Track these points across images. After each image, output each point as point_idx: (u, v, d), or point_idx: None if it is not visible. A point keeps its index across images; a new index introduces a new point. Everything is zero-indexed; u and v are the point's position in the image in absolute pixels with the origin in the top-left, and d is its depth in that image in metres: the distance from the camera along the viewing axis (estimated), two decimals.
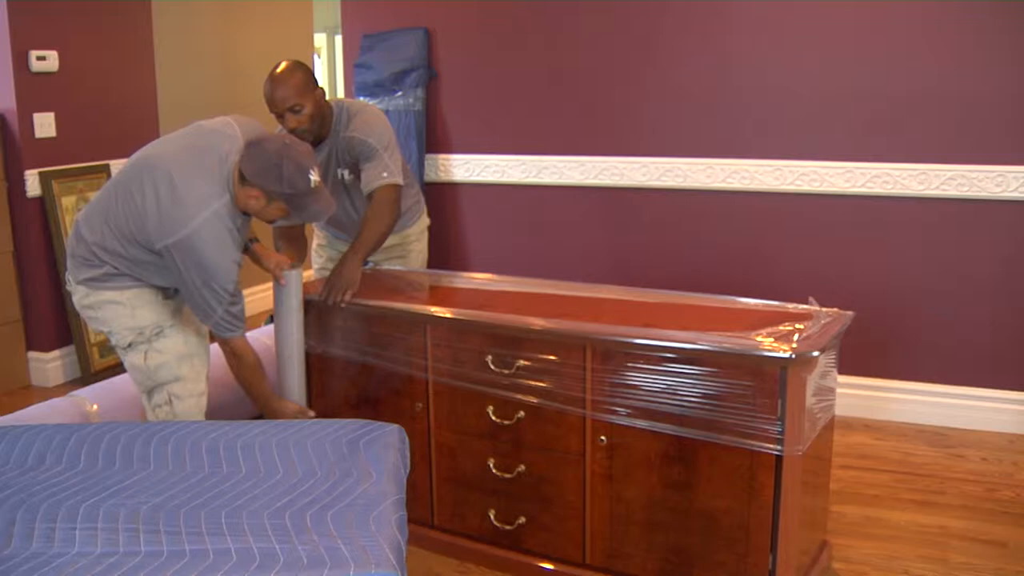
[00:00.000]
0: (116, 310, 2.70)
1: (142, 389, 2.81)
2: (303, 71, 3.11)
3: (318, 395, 3.00)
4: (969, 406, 3.78)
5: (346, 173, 3.27)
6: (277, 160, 2.51)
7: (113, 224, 2.61)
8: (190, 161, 2.58)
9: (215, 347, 2.83)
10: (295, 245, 3.36)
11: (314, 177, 2.54)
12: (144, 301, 2.72)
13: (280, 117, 3.11)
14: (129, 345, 2.72)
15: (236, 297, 2.60)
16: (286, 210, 2.59)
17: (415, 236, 3.58)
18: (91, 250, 2.66)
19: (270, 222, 2.76)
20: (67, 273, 2.79)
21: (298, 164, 2.53)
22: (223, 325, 2.61)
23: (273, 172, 2.50)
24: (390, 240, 3.56)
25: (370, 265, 3.68)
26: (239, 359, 2.70)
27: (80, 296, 2.74)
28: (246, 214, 2.64)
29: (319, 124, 3.17)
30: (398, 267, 3.45)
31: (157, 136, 4.99)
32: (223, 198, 2.54)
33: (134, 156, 2.70)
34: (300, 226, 3.38)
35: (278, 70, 3.10)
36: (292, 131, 3.11)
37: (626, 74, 4.07)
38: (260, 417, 3.53)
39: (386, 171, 3.18)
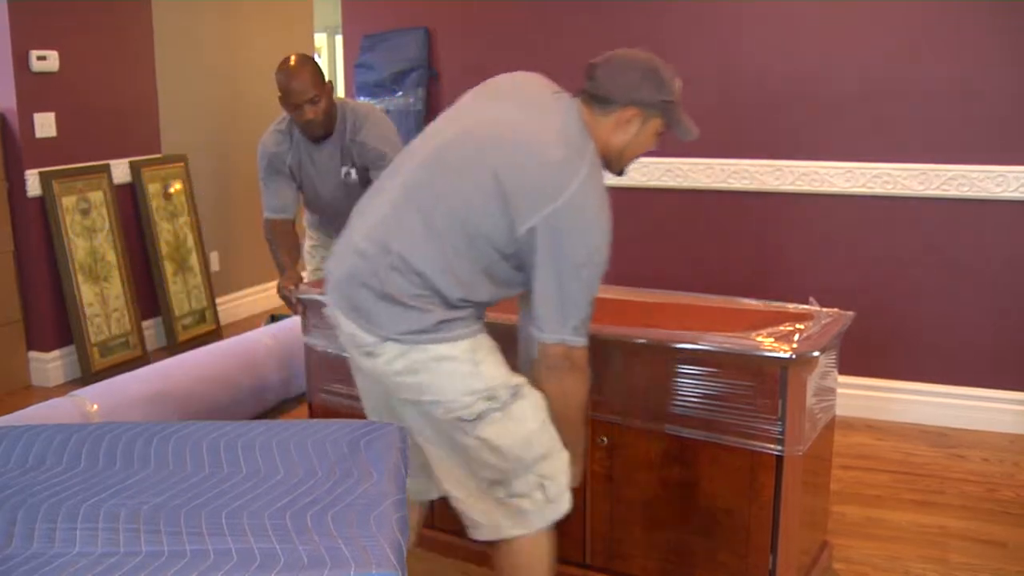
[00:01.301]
0: (452, 369, 2.01)
1: (490, 478, 2.06)
2: (314, 63, 3.16)
3: (319, 395, 3.00)
4: (970, 406, 3.78)
5: (353, 172, 3.29)
6: (650, 65, 2.06)
7: (447, 233, 1.99)
8: (544, 109, 2.08)
9: None
10: (288, 241, 3.36)
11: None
12: (485, 352, 2.06)
13: (297, 108, 3.11)
14: (478, 417, 2.02)
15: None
16: (660, 130, 2.11)
17: None
18: (431, 285, 1.99)
19: (625, 164, 2.17)
20: (355, 326, 2.04)
21: (668, 67, 2.08)
22: (582, 328, 2.02)
23: (652, 80, 2.04)
24: None
25: None
26: (581, 375, 2.07)
27: (389, 357, 2.02)
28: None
29: (330, 118, 3.20)
30: None
31: (157, 136, 5.00)
32: (591, 144, 2.04)
33: (438, 151, 2.07)
34: (291, 221, 3.39)
35: (291, 63, 3.12)
36: (308, 122, 3.14)
37: None
38: (261, 417, 3.53)
39: None
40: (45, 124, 4.38)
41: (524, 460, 2.03)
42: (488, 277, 2.04)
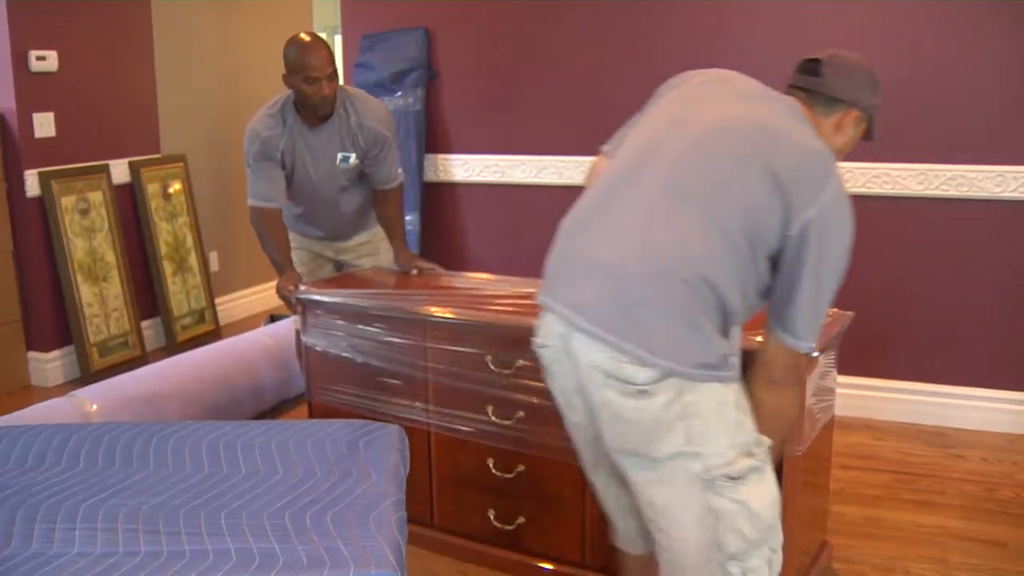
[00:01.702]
0: (723, 415, 1.75)
1: (732, 550, 1.79)
2: (325, 40, 3.17)
3: (318, 395, 3.00)
4: (969, 406, 3.78)
5: (352, 157, 3.26)
6: (869, 68, 1.97)
7: (736, 237, 1.76)
8: (780, 104, 1.93)
9: None
10: (278, 234, 3.32)
11: None
12: (746, 400, 1.83)
13: (315, 83, 3.07)
14: (740, 476, 1.75)
15: None
16: (863, 135, 2.04)
17: (384, 234, 3.57)
18: (720, 301, 1.75)
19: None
20: (623, 359, 1.71)
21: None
22: (818, 336, 1.87)
23: (872, 83, 1.96)
24: (361, 238, 3.56)
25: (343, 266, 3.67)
26: (803, 386, 1.90)
27: (666, 398, 1.71)
28: None
29: (335, 97, 3.18)
30: (370, 267, 3.47)
31: (156, 136, 5.00)
32: None
33: (689, 149, 1.83)
34: (279, 211, 3.36)
35: (307, 38, 3.11)
36: (324, 99, 3.10)
37: (626, 73, 4.07)
38: (260, 417, 3.53)
39: (400, 167, 3.39)
40: (44, 124, 4.38)
41: (764, 526, 1.79)
42: (759, 289, 1.85)
